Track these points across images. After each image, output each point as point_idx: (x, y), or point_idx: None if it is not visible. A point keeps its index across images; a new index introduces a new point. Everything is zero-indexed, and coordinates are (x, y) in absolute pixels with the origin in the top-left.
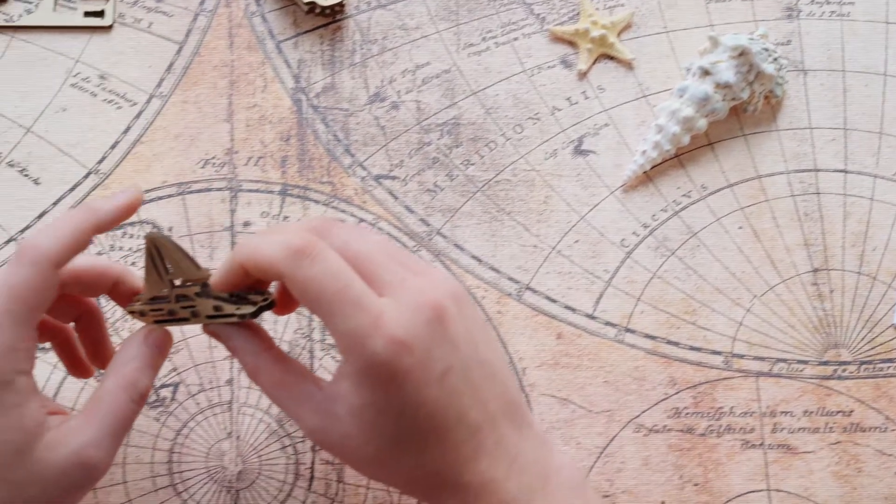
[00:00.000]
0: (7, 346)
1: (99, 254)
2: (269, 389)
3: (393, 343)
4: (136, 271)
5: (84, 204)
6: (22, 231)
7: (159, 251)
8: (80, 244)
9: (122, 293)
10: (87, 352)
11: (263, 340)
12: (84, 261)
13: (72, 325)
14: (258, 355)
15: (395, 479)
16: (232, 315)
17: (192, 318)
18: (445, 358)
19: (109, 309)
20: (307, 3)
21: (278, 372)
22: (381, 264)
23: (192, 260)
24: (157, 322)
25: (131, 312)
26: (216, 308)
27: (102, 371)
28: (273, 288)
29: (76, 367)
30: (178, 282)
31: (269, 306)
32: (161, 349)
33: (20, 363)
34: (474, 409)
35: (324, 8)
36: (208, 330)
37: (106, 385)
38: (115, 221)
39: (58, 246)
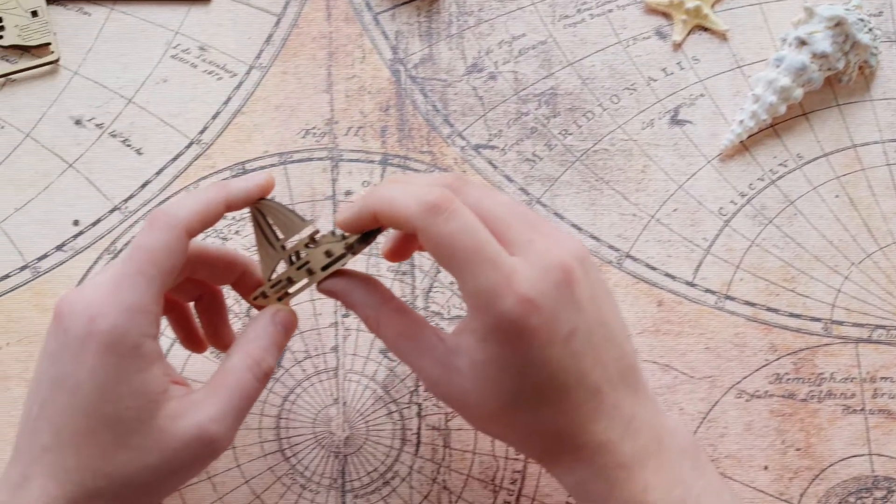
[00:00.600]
0: (137, 306)
1: None
2: (391, 341)
3: (523, 302)
4: None
5: (218, 181)
6: (125, 200)
7: (265, 216)
8: (212, 216)
9: (246, 285)
10: (206, 333)
11: (383, 294)
12: (215, 247)
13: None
14: (379, 308)
15: (511, 435)
16: (343, 255)
17: (309, 276)
18: (571, 319)
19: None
20: None
21: (400, 323)
22: (510, 224)
23: (296, 214)
24: (279, 300)
25: (254, 299)
26: (328, 254)
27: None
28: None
29: (190, 341)
30: (291, 243)
31: (375, 234)
32: (287, 329)
33: (148, 326)
34: (595, 371)
35: None
36: (326, 288)
37: (231, 362)
38: (246, 200)
39: (190, 214)
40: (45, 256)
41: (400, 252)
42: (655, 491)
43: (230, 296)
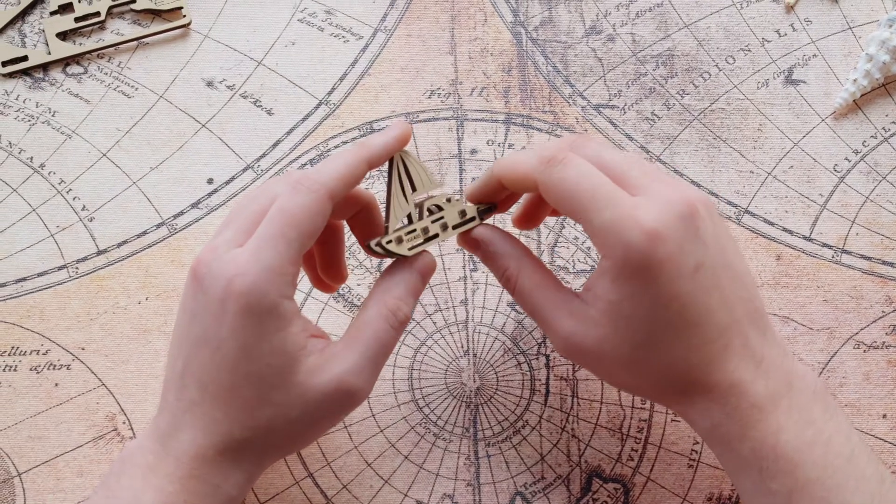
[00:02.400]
0: (276, 268)
1: None
2: (527, 292)
3: (648, 233)
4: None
5: (358, 141)
6: (258, 159)
7: (406, 168)
8: (355, 177)
9: (362, 221)
10: (321, 266)
11: (523, 247)
12: None
13: None
14: (521, 259)
15: (645, 381)
16: (473, 219)
17: (442, 232)
18: (696, 253)
19: None
20: None
21: (540, 276)
22: (629, 170)
23: (429, 170)
24: (410, 249)
25: (376, 245)
26: (462, 213)
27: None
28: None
29: (320, 281)
30: (419, 198)
31: (495, 208)
32: (425, 276)
33: (285, 288)
34: (722, 309)
35: None
36: (476, 235)
37: (368, 313)
38: (387, 155)
39: (334, 177)
40: (180, 214)
41: (529, 217)
42: (788, 432)
43: None
